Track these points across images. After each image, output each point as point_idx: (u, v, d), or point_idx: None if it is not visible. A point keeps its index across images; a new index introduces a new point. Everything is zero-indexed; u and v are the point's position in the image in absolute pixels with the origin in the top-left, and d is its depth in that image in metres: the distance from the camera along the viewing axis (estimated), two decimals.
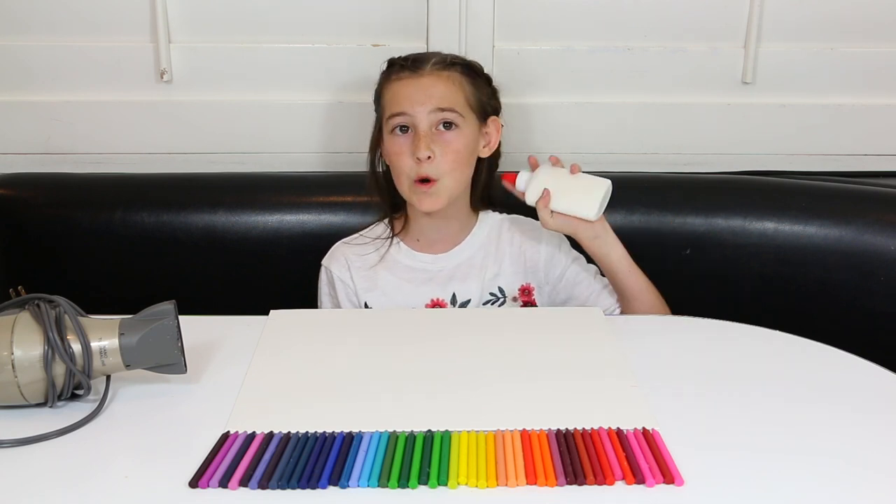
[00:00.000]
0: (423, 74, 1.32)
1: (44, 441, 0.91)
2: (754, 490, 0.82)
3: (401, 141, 1.31)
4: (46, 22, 1.59)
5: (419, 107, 1.30)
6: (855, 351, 1.11)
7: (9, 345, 0.93)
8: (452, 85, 1.32)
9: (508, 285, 1.37)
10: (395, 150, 1.32)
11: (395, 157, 1.32)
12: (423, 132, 1.29)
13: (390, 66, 1.37)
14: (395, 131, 1.32)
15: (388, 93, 1.34)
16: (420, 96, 1.30)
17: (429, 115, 1.30)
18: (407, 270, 1.36)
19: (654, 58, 1.63)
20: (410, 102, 1.30)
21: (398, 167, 1.32)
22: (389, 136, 1.33)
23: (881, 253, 1.45)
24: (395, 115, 1.31)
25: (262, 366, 1.07)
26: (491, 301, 1.36)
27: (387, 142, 1.34)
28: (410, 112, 1.30)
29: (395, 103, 1.31)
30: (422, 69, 1.32)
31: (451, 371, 1.06)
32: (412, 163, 1.29)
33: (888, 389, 1.03)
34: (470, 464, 0.85)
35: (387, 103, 1.34)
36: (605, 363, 1.08)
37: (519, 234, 1.39)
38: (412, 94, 1.31)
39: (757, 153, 1.67)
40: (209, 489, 0.82)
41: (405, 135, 1.31)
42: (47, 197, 1.55)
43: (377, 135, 1.38)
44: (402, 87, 1.32)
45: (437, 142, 1.29)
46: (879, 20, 1.62)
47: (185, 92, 1.62)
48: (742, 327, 1.19)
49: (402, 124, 1.31)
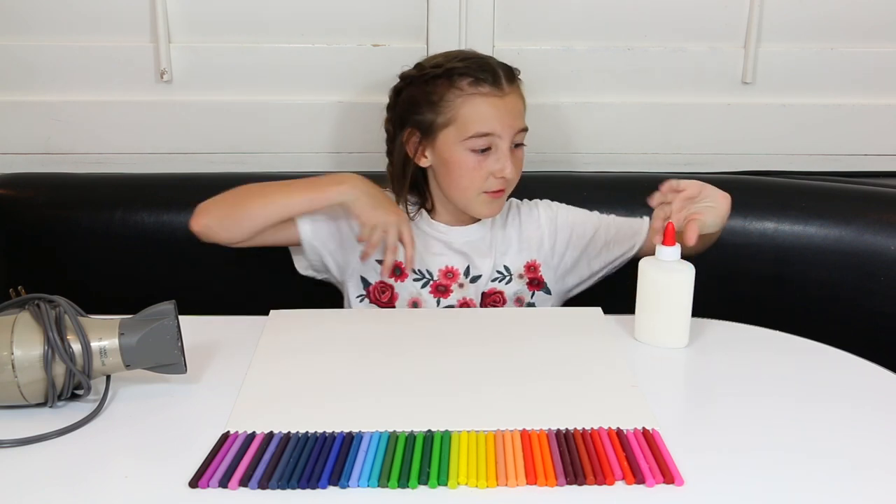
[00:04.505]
0: (506, 93, 1.30)
1: (44, 441, 0.91)
2: (754, 490, 0.82)
3: (479, 158, 1.29)
4: (46, 22, 1.59)
5: (507, 128, 1.29)
6: (855, 351, 1.11)
7: (9, 345, 0.93)
8: (523, 102, 1.34)
9: (514, 263, 1.39)
10: (471, 166, 1.29)
11: (472, 173, 1.30)
12: (508, 151, 1.29)
13: (457, 75, 1.31)
14: (474, 149, 1.29)
15: (464, 106, 1.29)
16: (507, 118, 1.29)
17: (514, 136, 1.30)
18: (424, 235, 1.37)
19: (654, 58, 1.63)
20: (500, 124, 1.29)
21: (471, 180, 1.30)
22: (465, 153, 1.29)
23: (881, 253, 1.45)
24: (482, 136, 1.28)
25: (262, 366, 1.07)
26: (498, 279, 1.37)
27: (458, 155, 1.30)
28: (498, 133, 1.29)
29: (482, 123, 1.28)
30: (501, 86, 1.30)
31: (451, 371, 1.06)
32: (489, 177, 1.30)
33: (888, 389, 1.03)
34: (470, 464, 0.85)
35: (466, 118, 1.29)
36: (605, 363, 1.08)
37: (520, 214, 1.42)
38: (501, 116, 1.29)
39: (757, 153, 1.67)
40: (209, 489, 0.82)
41: (485, 152, 1.29)
42: (47, 197, 1.55)
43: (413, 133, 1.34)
44: (487, 106, 1.29)
45: (513, 158, 1.30)
46: (879, 20, 1.63)
47: (185, 92, 1.63)
48: (742, 327, 1.19)
49: (487, 144, 1.29)
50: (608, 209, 1.45)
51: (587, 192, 1.53)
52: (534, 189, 1.46)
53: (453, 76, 1.31)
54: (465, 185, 1.31)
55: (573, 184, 1.56)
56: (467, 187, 1.31)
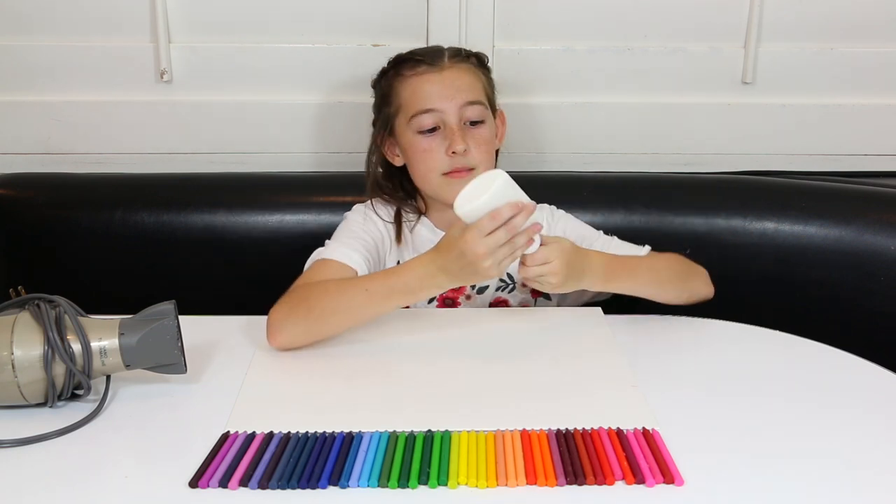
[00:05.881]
0: (444, 68, 1.27)
1: (44, 441, 0.91)
2: (754, 490, 0.82)
3: (429, 138, 1.26)
4: (46, 22, 1.59)
5: (448, 101, 1.25)
6: (855, 351, 1.11)
7: (9, 345, 0.93)
8: (473, 76, 1.29)
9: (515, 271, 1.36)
10: (423, 147, 1.26)
11: (424, 155, 1.26)
12: (456, 126, 1.25)
13: (400, 63, 1.31)
14: (421, 130, 1.26)
15: (405, 90, 1.28)
16: (448, 90, 1.26)
17: (459, 109, 1.26)
18: (426, 244, 1.33)
19: (654, 58, 1.63)
20: (439, 98, 1.25)
21: (427, 164, 1.27)
22: (415, 136, 1.27)
23: (881, 253, 1.45)
24: (422, 113, 1.25)
25: (262, 366, 1.07)
26: (503, 287, 1.35)
27: (409, 141, 1.28)
28: (439, 108, 1.25)
29: (421, 100, 1.26)
30: (440, 62, 1.28)
31: (452, 371, 1.06)
32: (444, 157, 1.26)
33: (888, 389, 1.03)
34: (470, 464, 0.85)
35: (407, 101, 1.28)
36: (605, 363, 1.08)
37: None
38: (438, 90, 1.26)
39: (757, 153, 1.67)
40: (209, 489, 0.82)
41: (433, 132, 1.26)
42: (47, 197, 1.55)
43: (381, 135, 1.34)
44: (423, 83, 1.26)
45: (468, 136, 1.26)
46: (879, 20, 1.62)
47: (185, 92, 1.62)
48: (742, 327, 1.19)
49: (432, 122, 1.25)
50: (608, 209, 1.45)
51: (587, 192, 1.53)
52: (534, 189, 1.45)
53: (398, 65, 1.31)
54: (423, 170, 1.28)
55: (573, 184, 1.56)
56: (426, 171, 1.28)
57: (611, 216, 1.48)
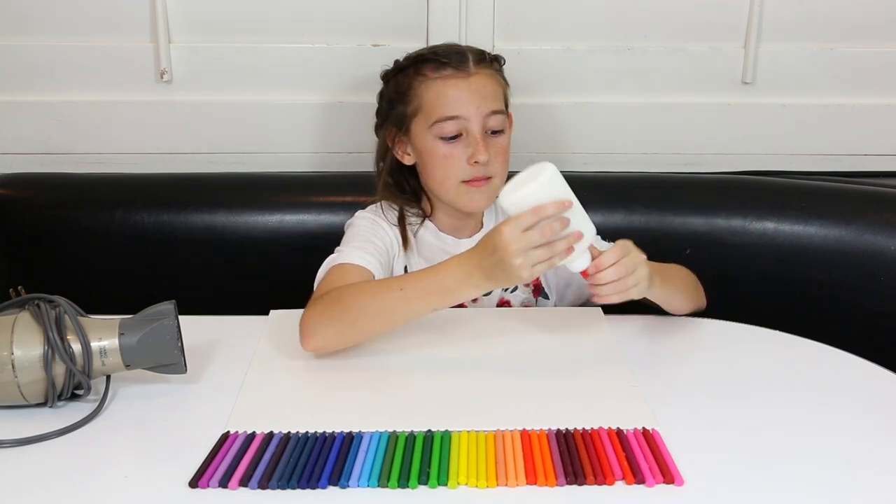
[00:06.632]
0: (471, 74, 1.25)
1: (44, 441, 0.91)
2: (754, 490, 0.82)
3: (450, 145, 1.24)
4: (46, 22, 1.59)
5: (474, 109, 1.23)
6: (855, 351, 1.11)
7: (9, 345, 0.93)
8: (496, 83, 1.28)
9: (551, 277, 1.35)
10: (443, 153, 1.24)
11: (444, 161, 1.24)
12: (479, 135, 1.23)
13: (422, 62, 1.28)
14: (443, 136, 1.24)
15: (427, 92, 1.25)
16: (474, 98, 1.24)
17: (484, 118, 1.24)
18: (432, 249, 1.33)
19: (654, 58, 1.63)
20: (464, 105, 1.23)
21: (446, 171, 1.25)
22: (435, 140, 1.25)
23: (881, 253, 1.45)
24: (447, 119, 1.23)
25: (262, 366, 1.07)
26: (506, 287, 1.34)
27: (428, 144, 1.25)
28: (465, 115, 1.23)
29: (445, 106, 1.23)
30: (466, 67, 1.25)
31: (451, 371, 1.06)
32: (466, 166, 1.24)
33: (888, 389, 1.03)
34: (470, 464, 0.85)
35: (430, 104, 1.25)
36: (605, 363, 1.08)
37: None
38: (466, 96, 1.23)
39: (757, 153, 1.67)
40: (209, 489, 0.82)
41: (455, 139, 1.24)
42: (47, 197, 1.55)
43: (392, 132, 1.31)
44: (448, 88, 1.24)
45: (490, 145, 1.24)
46: (879, 20, 1.62)
47: (185, 92, 1.62)
48: (742, 327, 1.19)
49: (455, 129, 1.23)
50: (608, 209, 1.45)
51: (587, 193, 1.52)
52: None
53: (419, 64, 1.28)
54: (441, 176, 1.27)
55: (573, 184, 1.56)
56: (444, 178, 1.26)
57: (611, 216, 1.48)
